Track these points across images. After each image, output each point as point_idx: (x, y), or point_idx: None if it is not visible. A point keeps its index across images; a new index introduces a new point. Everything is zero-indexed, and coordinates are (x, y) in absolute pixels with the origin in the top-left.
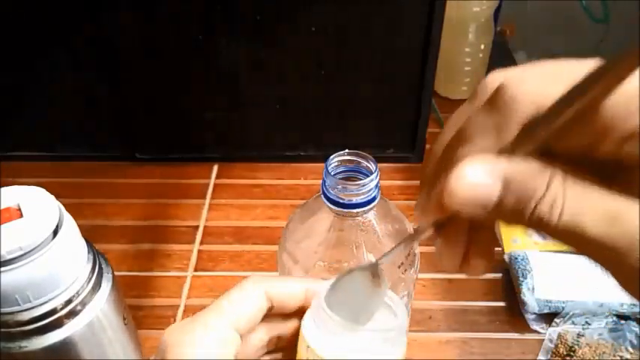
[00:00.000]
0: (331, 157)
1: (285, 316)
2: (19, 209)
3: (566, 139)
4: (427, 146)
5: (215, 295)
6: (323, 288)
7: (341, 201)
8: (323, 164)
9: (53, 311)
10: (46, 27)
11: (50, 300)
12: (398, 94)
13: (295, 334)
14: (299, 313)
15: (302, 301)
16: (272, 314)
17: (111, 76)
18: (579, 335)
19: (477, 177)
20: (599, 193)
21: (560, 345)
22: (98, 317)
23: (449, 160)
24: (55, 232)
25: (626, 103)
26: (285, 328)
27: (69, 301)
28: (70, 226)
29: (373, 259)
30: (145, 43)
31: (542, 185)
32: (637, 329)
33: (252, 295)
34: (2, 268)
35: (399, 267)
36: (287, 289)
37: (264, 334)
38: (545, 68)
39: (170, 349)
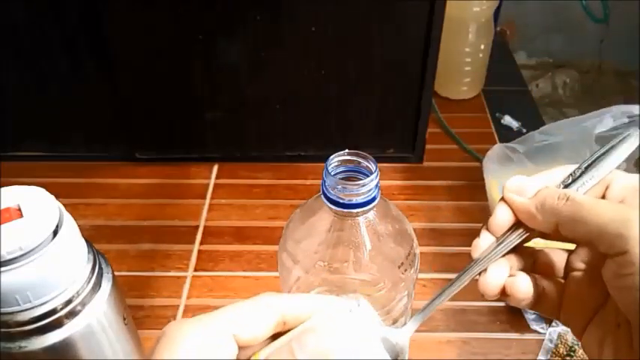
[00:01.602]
0: (331, 157)
1: None
2: (19, 209)
3: None
4: (427, 146)
5: (215, 295)
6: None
7: (341, 201)
8: (323, 164)
9: (53, 311)
10: (46, 26)
11: (50, 300)
12: (398, 94)
13: None
14: None
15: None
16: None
17: (111, 76)
18: None
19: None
20: None
21: (560, 345)
22: (98, 317)
23: None
24: (55, 232)
25: None
26: None
27: (69, 301)
28: (70, 226)
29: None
30: (145, 43)
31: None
32: None
33: (263, 312)
34: (2, 268)
35: (399, 267)
36: (300, 311)
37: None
38: None
39: (163, 340)
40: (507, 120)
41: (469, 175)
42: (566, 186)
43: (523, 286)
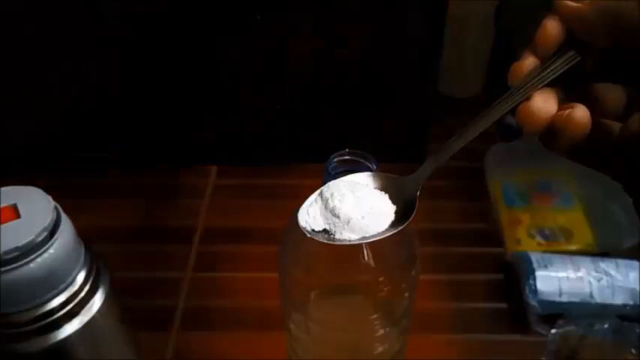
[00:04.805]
0: (331, 157)
1: None
2: (16, 209)
3: None
4: (427, 146)
5: (215, 295)
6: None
7: None
8: (323, 164)
9: (50, 312)
10: (46, 27)
11: (47, 301)
12: (399, 94)
13: None
14: None
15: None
16: None
17: (111, 76)
18: (582, 337)
19: None
20: None
21: (562, 347)
22: (96, 318)
23: None
24: (52, 233)
25: None
26: None
27: (67, 302)
28: (67, 226)
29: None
30: (144, 44)
31: None
32: None
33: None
34: None
35: (400, 268)
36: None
37: None
38: None
39: None
40: (508, 120)
41: (470, 175)
42: None
43: (583, 117)
